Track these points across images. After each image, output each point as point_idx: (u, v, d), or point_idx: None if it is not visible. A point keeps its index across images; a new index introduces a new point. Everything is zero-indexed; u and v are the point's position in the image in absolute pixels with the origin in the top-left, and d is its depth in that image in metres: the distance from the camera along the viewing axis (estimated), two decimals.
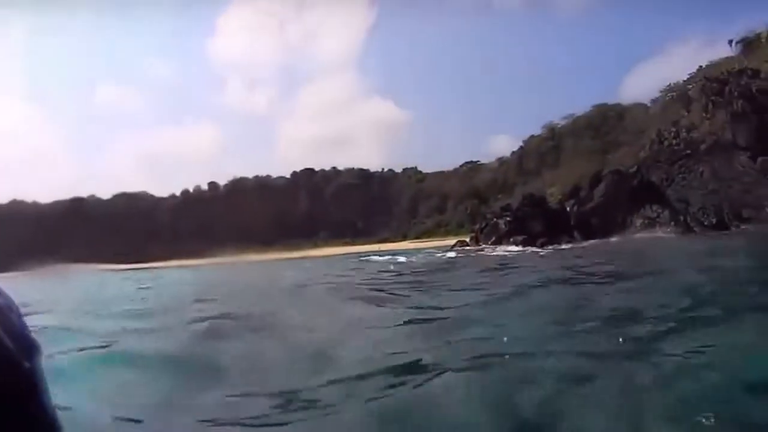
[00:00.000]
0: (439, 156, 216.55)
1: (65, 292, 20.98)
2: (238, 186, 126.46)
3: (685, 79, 63.04)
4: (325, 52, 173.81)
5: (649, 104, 79.14)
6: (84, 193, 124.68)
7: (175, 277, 32.82)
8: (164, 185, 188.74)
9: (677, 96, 61.96)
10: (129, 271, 58.90)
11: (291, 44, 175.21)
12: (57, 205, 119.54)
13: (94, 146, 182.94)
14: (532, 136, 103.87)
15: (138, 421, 4.95)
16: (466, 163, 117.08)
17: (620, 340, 6.67)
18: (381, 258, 40.90)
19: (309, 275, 24.90)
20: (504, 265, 24.33)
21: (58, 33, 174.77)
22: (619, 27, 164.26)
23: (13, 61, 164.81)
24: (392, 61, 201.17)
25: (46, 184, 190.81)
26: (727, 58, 56.96)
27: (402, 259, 37.40)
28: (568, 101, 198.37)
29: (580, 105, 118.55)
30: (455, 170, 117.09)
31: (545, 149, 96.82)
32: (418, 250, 51.97)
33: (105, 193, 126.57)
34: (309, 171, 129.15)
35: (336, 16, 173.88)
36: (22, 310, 0.72)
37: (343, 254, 64.32)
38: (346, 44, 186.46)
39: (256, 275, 32.33)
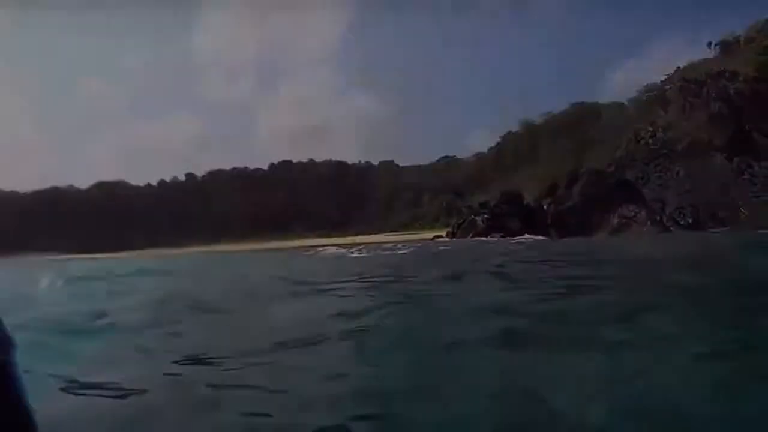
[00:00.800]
0: (415, 150, 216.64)
1: None
2: (216, 177, 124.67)
3: (663, 79, 62.96)
4: (305, 45, 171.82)
5: (626, 103, 79.15)
6: (62, 183, 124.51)
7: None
8: (142, 176, 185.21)
9: (655, 96, 61.92)
10: (91, 260, 56.84)
11: (271, 37, 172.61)
12: (35, 194, 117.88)
13: (73, 136, 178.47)
14: (510, 133, 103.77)
15: None
16: (443, 157, 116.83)
17: None
18: None
19: None
20: None
21: (38, 25, 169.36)
22: (598, 27, 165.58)
23: None
24: (371, 55, 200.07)
25: (24, 174, 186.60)
26: (705, 59, 56.89)
27: None
28: (546, 99, 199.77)
29: (558, 103, 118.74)
30: (432, 164, 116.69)
31: (522, 146, 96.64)
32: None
33: (83, 183, 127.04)
34: (287, 163, 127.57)
35: (317, 10, 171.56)
36: None
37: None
38: (325, 38, 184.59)
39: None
